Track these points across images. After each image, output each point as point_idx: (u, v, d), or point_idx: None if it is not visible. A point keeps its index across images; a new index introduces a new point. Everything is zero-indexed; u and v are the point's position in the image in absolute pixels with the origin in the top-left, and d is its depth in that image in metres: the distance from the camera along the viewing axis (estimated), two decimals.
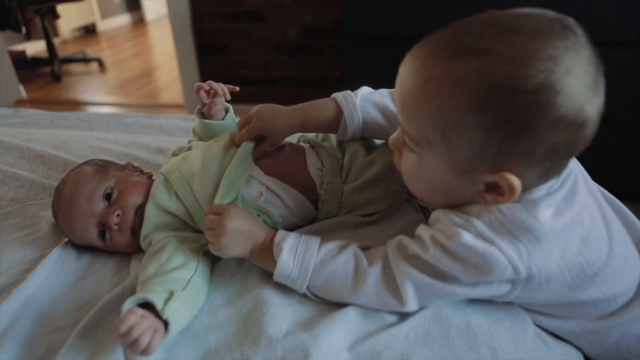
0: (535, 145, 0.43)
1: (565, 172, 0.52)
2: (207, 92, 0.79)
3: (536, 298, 0.53)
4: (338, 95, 0.71)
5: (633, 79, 1.43)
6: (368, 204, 0.71)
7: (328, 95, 0.72)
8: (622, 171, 1.60)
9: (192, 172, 0.70)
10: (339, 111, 0.70)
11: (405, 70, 0.48)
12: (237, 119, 0.84)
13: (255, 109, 0.70)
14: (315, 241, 0.59)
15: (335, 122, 0.70)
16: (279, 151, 0.74)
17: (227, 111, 0.83)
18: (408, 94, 0.47)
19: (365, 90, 0.72)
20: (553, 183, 0.51)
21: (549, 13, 0.45)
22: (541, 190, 0.50)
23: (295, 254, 0.58)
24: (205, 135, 0.81)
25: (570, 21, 0.44)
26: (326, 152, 0.73)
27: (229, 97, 0.80)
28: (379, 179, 0.70)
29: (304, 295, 0.59)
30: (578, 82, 0.41)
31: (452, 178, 0.49)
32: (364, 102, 0.70)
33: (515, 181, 0.45)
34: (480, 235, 0.48)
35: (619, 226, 0.58)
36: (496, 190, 0.47)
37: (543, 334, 0.57)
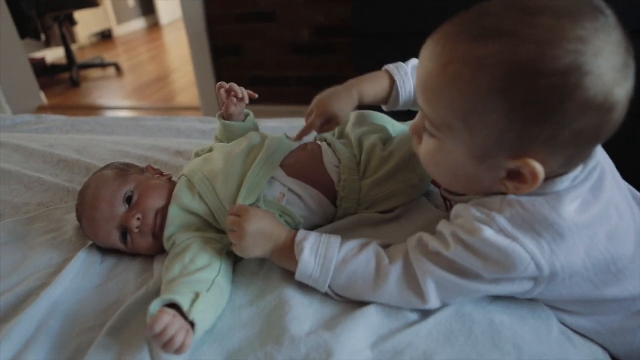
0: (561, 130, 0.42)
1: (591, 164, 0.50)
2: (227, 92, 0.79)
3: (559, 294, 0.52)
4: (389, 66, 0.72)
5: None
6: (387, 199, 0.71)
7: None
8: None
9: (215, 172, 0.71)
10: (392, 81, 0.71)
11: (426, 54, 0.47)
12: (256, 122, 0.85)
13: (315, 99, 0.72)
14: (336, 240, 0.59)
15: (388, 93, 0.72)
16: (302, 150, 0.74)
17: (247, 115, 0.84)
18: (428, 78, 0.47)
19: (415, 60, 0.73)
20: (577, 174, 0.49)
21: None
22: (565, 182, 0.48)
23: (317, 253, 0.58)
24: (227, 137, 0.82)
25: (600, 2, 0.42)
26: (343, 149, 0.74)
27: (247, 101, 0.81)
28: (397, 172, 0.70)
29: (326, 294, 0.59)
30: (607, 65, 0.40)
31: (472, 164, 0.48)
32: (415, 70, 0.70)
33: (538, 167, 0.44)
34: (502, 231, 0.47)
35: None
36: (518, 178, 0.46)
37: (568, 331, 0.56)
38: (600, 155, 0.53)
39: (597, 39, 0.40)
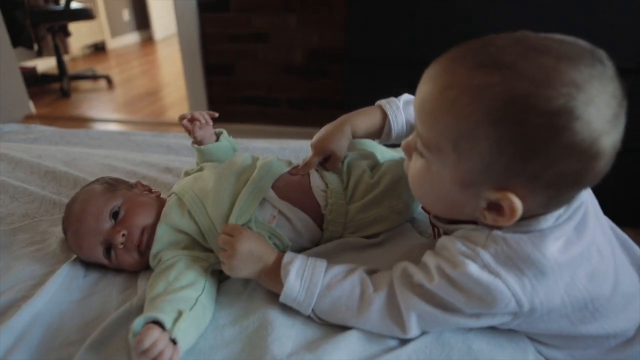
0: (544, 169, 0.43)
1: (576, 203, 0.51)
2: (190, 120, 0.82)
3: (536, 328, 0.54)
4: (381, 101, 0.75)
5: (635, 107, 1.46)
6: (372, 224, 0.72)
7: (332, 116, 0.76)
8: (625, 197, 1.61)
9: (206, 191, 0.72)
10: (384, 115, 0.73)
11: (428, 75, 0.49)
12: (231, 139, 0.87)
13: (313, 140, 0.75)
14: (322, 265, 0.60)
15: (380, 127, 0.74)
16: (292, 175, 0.76)
17: (219, 135, 0.85)
18: (427, 98, 0.48)
19: (407, 96, 0.75)
20: (561, 213, 0.50)
21: (582, 42, 0.44)
22: (549, 220, 0.49)
23: (302, 277, 0.58)
24: (206, 161, 0.84)
25: (602, 53, 0.44)
26: (330, 174, 0.75)
27: (210, 123, 0.83)
28: (383, 198, 0.72)
29: (309, 317, 0.60)
30: (598, 113, 0.41)
31: (455, 189, 0.49)
32: (407, 105, 0.73)
33: (517, 203, 0.45)
34: (486, 267, 0.48)
35: (626, 263, 0.58)
36: (497, 210, 0.47)
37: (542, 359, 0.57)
38: (584, 194, 0.54)
39: (591, 87, 0.41)
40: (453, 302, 0.51)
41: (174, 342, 0.53)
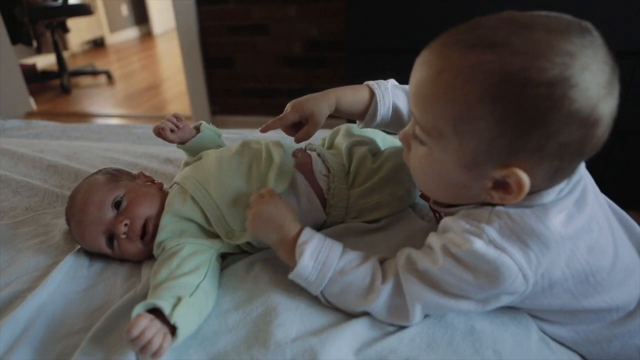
0: (547, 140, 0.43)
1: (575, 178, 0.52)
2: (163, 130, 0.81)
3: (539, 304, 0.54)
4: (370, 82, 0.72)
5: (636, 89, 1.45)
6: (374, 209, 0.72)
7: None
8: (627, 180, 1.61)
9: (208, 177, 0.72)
10: (371, 95, 0.71)
11: (421, 62, 0.49)
12: (212, 126, 0.86)
13: (290, 102, 0.71)
14: (338, 248, 0.59)
15: (366, 106, 0.71)
16: (293, 158, 0.76)
17: (198, 127, 0.85)
18: (422, 84, 0.48)
19: (393, 81, 0.74)
20: (562, 187, 0.50)
21: (567, 15, 0.45)
22: (551, 194, 0.49)
23: (317, 259, 0.58)
24: (196, 154, 0.83)
25: (588, 24, 0.44)
26: (332, 159, 0.75)
27: (181, 124, 0.82)
28: (385, 184, 0.72)
29: (313, 301, 0.60)
30: (594, 79, 0.41)
31: (460, 172, 0.49)
32: (395, 88, 0.72)
33: (524, 177, 0.45)
34: (491, 242, 0.48)
35: (624, 238, 0.58)
36: (504, 188, 0.47)
37: (547, 338, 0.57)
38: (583, 170, 0.54)
39: (584, 55, 0.41)
40: (460, 284, 0.51)
41: (174, 328, 0.53)
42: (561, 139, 0.43)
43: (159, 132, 0.81)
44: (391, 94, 0.71)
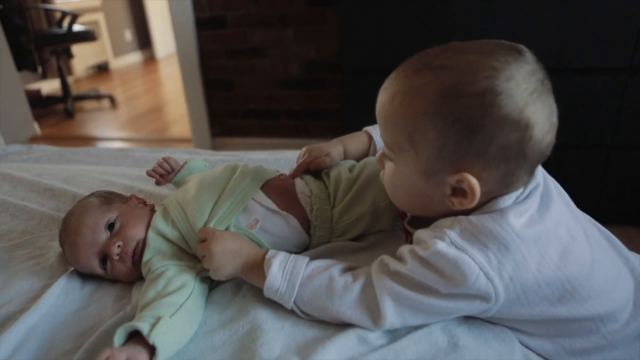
0: (487, 145, 0.49)
1: (532, 185, 0.55)
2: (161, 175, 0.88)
3: (518, 313, 0.55)
4: (368, 127, 0.84)
5: (629, 105, 1.47)
6: (357, 223, 0.74)
7: (331, 125, 0.83)
8: (624, 195, 1.61)
9: (187, 199, 0.74)
10: (369, 138, 0.82)
11: (382, 88, 0.56)
12: (199, 160, 0.91)
13: (303, 150, 0.82)
14: (304, 258, 0.63)
15: (367, 149, 0.83)
16: (277, 180, 0.78)
17: (184, 164, 0.90)
18: (382, 107, 0.55)
19: None
20: (519, 194, 0.54)
21: (504, 41, 0.52)
22: (507, 201, 0.54)
23: (284, 269, 0.61)
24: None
25: (521, 47, 0.51)
26: (314, 180, 0.77)
27: (170, 168, 0.88)
28: (365, 192, 0.74)
29: (298, 319, 0.61)
30: (518, 88, 0.48)
31: (421, 181, 0.55)
32: None
33: (474, 181, 0.50)
34: (452, 244, 0.52)
35: (607, 249, 0.60)
36: (462, 194, 0.53)
37: (531, 353, 0.58)
38: (541, 179, 0.57)
39: (508, 69, 0.48)
40: (426, 282, 0.54)
41: (153, 348, 0.53)
42: (499, 141, 0.48)
43: (151, 175, 0.88)
44: None
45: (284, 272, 0.61)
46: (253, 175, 0.77)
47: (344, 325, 0.59)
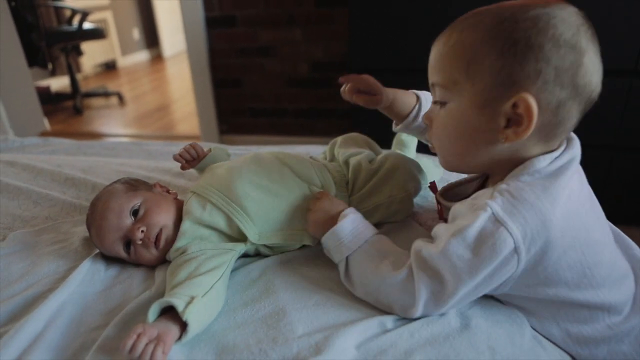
0: (543, 65, 0.51)
1: (567, 155, 0.56)
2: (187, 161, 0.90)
3: (533, 292, 0.57)
4: (415, 90, 0.81)
5: (632, 106, 1.49)
6: (373, 212, 0.76)
7: (338, 125, 0.84)
8: (627, 196, 1.64)
9: (222, 181, 0.77)
10: (417, 100, 0.79)
11: (433, 46, 0.60)
12: (223, 149, 0.95)
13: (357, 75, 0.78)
14: (374, 229, 0.68)
15: (411, 109, 0.79)
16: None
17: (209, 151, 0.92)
18: (437, 51, 0.59)
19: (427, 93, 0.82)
20: (557, 155, 0.56)
21: None
22: (547, 159, 0.55)
23: (356, 226, 0.66)
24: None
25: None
26: (335, 168, 0.80)
27: (196, 154, 0.90)
28: (384, 183, 0.77)
29: (318, 303, 0.64)
30: (570, 17, 0.52)
31: (475, 115, 0.56)
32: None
33: (532, 101, 0.51)
34: (494, 216, 0.52)
35: (615, 246, 0.63)
36: (516, 123, 0.53)
37: (540, 336, 0.60)
38: (577, 150, 0.58)
39: (559, 4, 0.53)
40: (460, 264, 0.54)
41: (185, 324, 0.57)
42: (555, 62, 0.51)
43: (178, 159, 0.89)
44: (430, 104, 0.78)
45: (354, 228, 0.65)
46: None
47: (366, 311, 0.62)
